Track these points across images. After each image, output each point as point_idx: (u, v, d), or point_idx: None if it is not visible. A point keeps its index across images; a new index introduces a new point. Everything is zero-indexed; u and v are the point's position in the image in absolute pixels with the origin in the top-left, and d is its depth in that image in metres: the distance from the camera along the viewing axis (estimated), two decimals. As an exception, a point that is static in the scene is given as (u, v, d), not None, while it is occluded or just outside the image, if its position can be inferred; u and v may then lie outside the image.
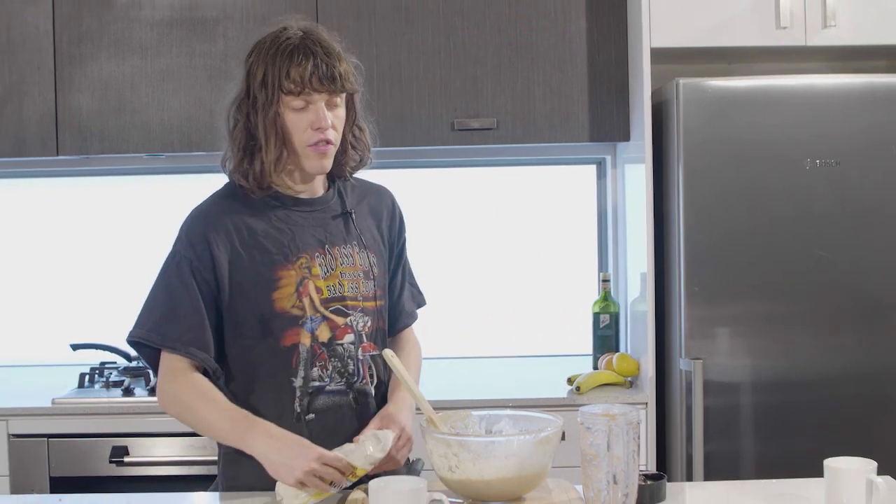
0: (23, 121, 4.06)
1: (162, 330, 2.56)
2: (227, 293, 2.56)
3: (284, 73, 2.48)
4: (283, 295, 2.54)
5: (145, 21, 4.06)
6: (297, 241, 2.58)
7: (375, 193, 2.79)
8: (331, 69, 2.49)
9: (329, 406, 2.56)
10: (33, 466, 3.77)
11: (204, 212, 2.65)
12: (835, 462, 2.30)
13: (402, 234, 2.81)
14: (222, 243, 2.57)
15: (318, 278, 2.56)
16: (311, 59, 2.48)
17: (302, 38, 2.52)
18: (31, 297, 4.59)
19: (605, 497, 2.25)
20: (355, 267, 2.62)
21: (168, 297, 2.58)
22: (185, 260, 2.57)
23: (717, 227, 3.67)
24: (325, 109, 2.52)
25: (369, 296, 2.63)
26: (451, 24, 4.05)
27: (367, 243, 2.67)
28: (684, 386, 3.69)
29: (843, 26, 3.78)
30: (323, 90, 2.50)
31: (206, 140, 4.06)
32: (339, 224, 2.65)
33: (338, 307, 2.57)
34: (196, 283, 2.55)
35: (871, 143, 3.66)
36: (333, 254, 2.60)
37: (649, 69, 3.81)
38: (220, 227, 2.59)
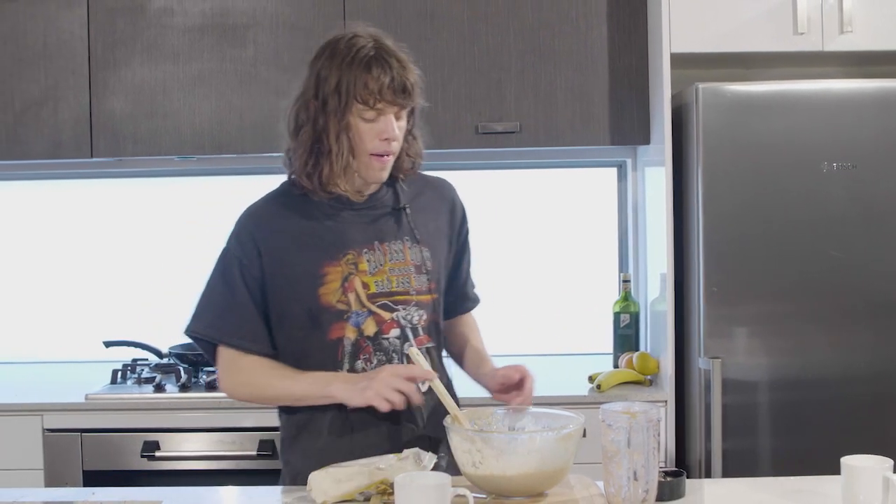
0: (58, 124, 4.12)
1: (218, 326, 2.65)
2: (274, 289, 2.63)
3: (361, 83, 2.52)
4: (329, 290, 2.59)
5: (177, 27, 4.11)
6: (345, 238, 2.62)
7: (434, 187, 2.82)
8: (403, 82, 2.53)
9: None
10: (67, 460, 3.82)
11: (254, 211, 2.72)
12: (851, 460, 2.29)
13: (465, 225, 2.85)
14: (270, 243, 2.63)
15: (366, 274, 2.61)
16: (388, 72, 2.52)
17: (376, 49, 2.55)
18: (65, 295, 4.64)
19: (626, 493, 2.29)
20: (405, 262, 2.65)
21: (221, 293, 2.67)
22: (235, 258, 2.65)
23: (736, 228, 3.69)
24: (393, 121, 2.56)
25: (423, 289, 2.67)
26: (476, 30, 4.09)
27: (421, 238, 2.69)
28: (703, 384, 3.71)
29: (860, 32, 3.78)
30: (396, 103, 2.54)
31: (236, 143, 4.13)
32: (391, 220, 2.69)
33: (385, 302, 2.62)
34: (245, 281, 2.63)
35: (886, 147, 3.66)
36: (382, 249, 2.64)
37: (669, 74, 3.83)
38: (269, 226, 2.66)
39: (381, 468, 2.39)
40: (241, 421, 3.82)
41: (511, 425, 2.53)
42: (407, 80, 2.54)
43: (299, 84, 2.67)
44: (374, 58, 2.54)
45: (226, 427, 3.83)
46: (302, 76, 4.05)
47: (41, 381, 4.29)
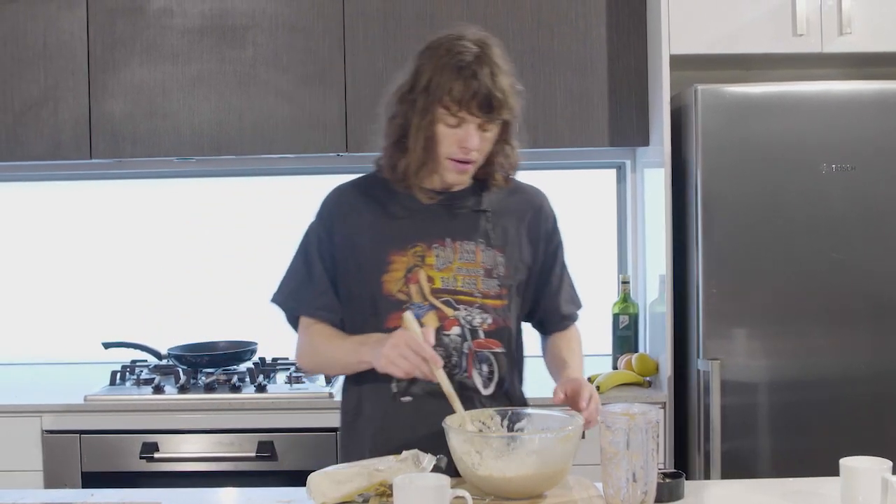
0: (58, 125, 4.12)
1: (296, 297, 2.77)
2: (343, 271, 2.69)
3: (447, 88, 2.52)
4: (392, 279, 2.63)
5: (177, 28, 4.11)
6: (417, 230, 2.65)
7: (523, 194, 2.81)
8: (490, 98, 2.52)
9: (427, 392, 2.62)
10: (66, 461, 3.82)
11: (339, 191, 2.78)
12: (850, 461, 2.31)
13: (555, 237, 2.83)
14: (345, 225, 2.70)
15: (433, 268, 2.64)
16: (477, 83, 2.51)
17: (476, 56, 2.54)
18: (64, 296, 4.64)
19: (625, 494, 2.29)
20: (475, 263, 2.66)
21: (300, 266, 2.77)
22: (315, 234, 2.74)
23: (735, 230, 3.69)
24: (476, 132, 2.55)
25: (490, 293, 2.67)
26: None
27: (497, 242, 2.69)
28: (702, 386, 3.71)
29: (859, 34, 3.79)
30: (479, 115, 2.54)
31: (235, 144, 4.13)
32: (470, 220, 2.70)
33: (448, 299, 2.64)
34: (321, 256, 2.71)
35: (886, 148, 3.67)
36: (454, 247, 2.66)
37: (668, 75, 3.83)
38: (347, 209, 2.72)
39: (381, 470, 2.40)
40: (240, 422, 3.83)
41: (510, 426, 2.53)
42: (495, 95, 2.52)
43: (404, 72, 2.67)
44: (467, 65, 2.53)
45: (225, 428, 3.83)
46: (301, 77, 4.08)
47: (40, 382, 4.30)
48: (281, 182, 4.61)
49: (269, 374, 4.11)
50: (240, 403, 3.84)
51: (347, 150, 4.12)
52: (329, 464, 2.54)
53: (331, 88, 4.10)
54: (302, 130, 4.11)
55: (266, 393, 3.90)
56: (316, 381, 4.02)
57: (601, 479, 2.36)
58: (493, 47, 2.60)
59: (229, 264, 4.61)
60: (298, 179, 4.60)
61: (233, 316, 4.57)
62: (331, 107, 4.10)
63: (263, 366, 4.27)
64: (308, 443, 3.81)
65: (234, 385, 3.95)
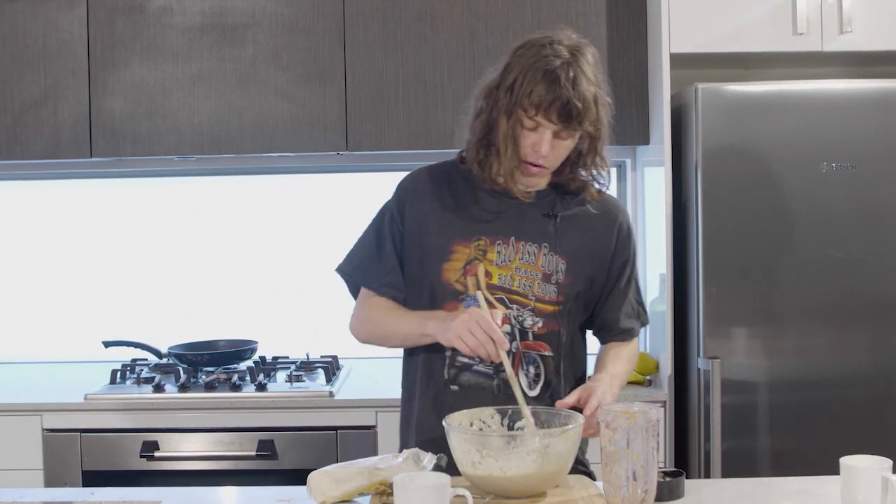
0: (58, 124, 4.12)
1: (361, 268, 2.79)
2: (409, 254, 2.71)
3: (528, 91, 2.51)
4: (452, 268, 2.66)
5: (176, 27, 4.12)
6: (485, 225, 2.67)
7: (598, 205, 2.76)
8: (570, 107, 2.50)
9: (472, 384, 2.66)
10: (66, 460, 3.83)
11: (414, 176, 2.80)
12: (850, 460, 2.30)
13: (625, 253, 2.78)
14: (419, 205, 2.72)
15: (492, 264, 2.64)
16: (558, 90, 2.49)
17: (563, 63, 2.52)
18: (64, 295, 4.64)
19: (625, 493, 2.30)
20: (535, 266, 2.66)
21: (370, 239, 2.79)
22: (389, 212, 2.76)
23: (735, 228, 3.69)
24: (549, 139, 2.55)
25: (545, 298, 2.67)
26: (475, 30, 4.09)
27: (563, 249, 2.68)
28: (702, 384, 3.72)
29: (859, 32, 3.79)
30: (556, 123, 2.53)
31: (235, 143, 4.13)
32: (539, 222, 2.70)
33: (501, 296, 2.65)
34: (391, 233, 2.73)
35: (886, 147, 3.67)
36: (516, 247, 2.66)
37: (668, 74, 3.84)
38: (424, 191, 2.74)
39: (381, 468, 2.40)
40: (241, 421, 3.83)
41: (511, 425, 2.52)
42: (575, 104, 2.50)
43: (495, 66, 2.68)
44: (552, 70, 2.51)
45: (225, 427, 3.83)
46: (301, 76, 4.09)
47: (40, 381, 4.29)
48: (281, 181, 4.61)
49: (270, 372, 4.11)
50: (240, 402, 3.85)
51: (347, 149, 4.12)
52: (329, 462, 2.55)
53: (331, 87, 4.11)
54: (302, 129, 4.11)
55: (266, 392, 3.90)
56: (316, 380, 4.02)
57: (601, 477, 2.36)
58: (586, 55, 2.58)
59: (229, 263, 4.61)
60: (298, 178, 4.61)
61: (233, 314, 4.57)
62: (331, 106, 4.11)
63: (264, 364, 4.27)
64: (308, 442, 3.81)
65: (235, 384, 3.95)
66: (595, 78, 2.58)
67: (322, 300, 4.55)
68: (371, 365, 4.32)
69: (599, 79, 2.60)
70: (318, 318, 4.56)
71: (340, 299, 4.47)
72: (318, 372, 4.15)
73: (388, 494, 2.34)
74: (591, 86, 2.55)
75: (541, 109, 2.52)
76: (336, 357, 4.32)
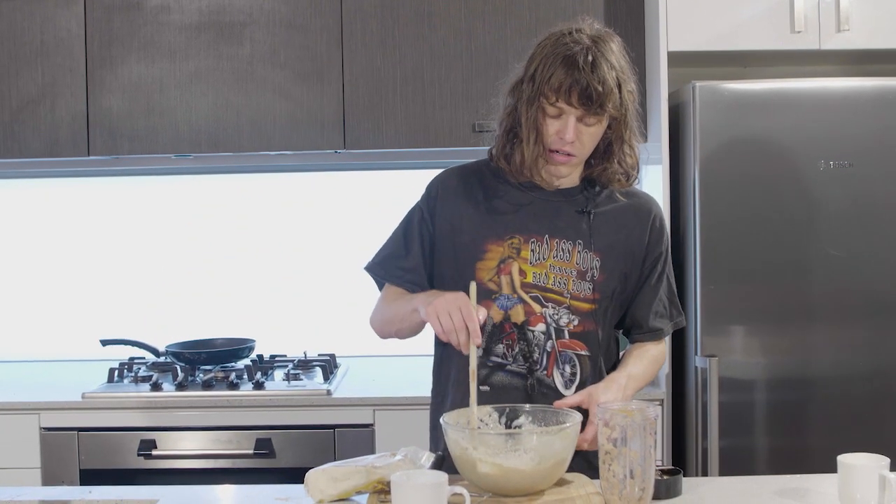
0: (55, 122, 4.12)
1: (386, 265, 2.78)
2: (440, 253, 2.71)
3: (548, 77, 2.52)
4: (486, 267, 2.65)
5: (174, 25, 4.11)
6: (517, 223, 2.66)
7: (631, 200, 2.76)
8: (589, 90, 2.49)
9: (505, 384, 2.65)
10: (64, 459, 3.83)
11: (446, 175, 2.80)
12: (848, 458, 2.31)
13: (658, 248, 2.77)
14: (450, 205, 2.72)
15: (526, 262, 2.64)
16: (577, 74, 2.49)
17: (583, 48, 2.52)
18: (62, 294, 4.64)
19: (623, 491, 2.30)
20: (570, 263, 2.65)
21: (399, 240, 2.79)
22: (419, 210, 2.76)
23: (733, 226, 3.69)
24: (575, 124, 2.55)
25: (580, 296, 2.66)
26: (473, 28, 4.09)
27: (597, 246, 2.67)
28: (700, 382, 3.71)
29: (857, 31, 3.80)
30: (579, 107, 2.52)
31: (233, 141, 4.13)
32: (573, 219, 2.69)
33: (537, 295, 2.64)
34: (420, 232, 2.73)
35: (883, 145, 3.67)
36: (550, 244, 2.65)
37: (666, 72, 3.84)
38: (455, 190, 2.74)
39: (378, 467, 2.40)
40: (238, 419, 3.83)
41: (508, 423, 2.52)
42: (595, 87, 2.50)
43: (522, 62, 2.67)
44: (571, 55, 2.52)
45: (222, 426, 3.83)
46: (299, 74, 4.09)
47: (38, 379, 4.29)
48: (278, 179, 4.61)
49: (267, 371, 4.11)
50: (238, 400, 3.85)
51: (345, 147, 4.12)
52: (327, 461, 2.55)
53: (328, 85, 4.11)
54: (299, 127, 4.11)
55: (264, 390, 3.89)
56: (314, 379, 4.02)
57: (599, 475, 2.36)
58: (609, 43, 2.59)
59: (227, 261, 4.61)
60: (296, 176, 4.60)
61: (231, 313, 4.57)
62: (328, 104, 4.11)
63: (261, 363, 4.27)
64: (306, 440, 3.81)
65: (232, 382, 3.95)
66: (618, 64, 2.57)
67: (320, 298, 4.56)
68: (369, 363, 4.33)
69: (623, 66, 2.59)
70: (315, 317, 4.56)
71: (338, 298, 4.51)
72: (315, 370, 4.15)
73: (386, 493, 2.34)
74: (612, 70, 2.54)
75: (561, 94, 2.52)
76: (333, 355, 4.32)
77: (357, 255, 4.38)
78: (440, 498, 2.16)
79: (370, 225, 4.46)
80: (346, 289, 4.45)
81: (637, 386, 2.69)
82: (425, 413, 2.86)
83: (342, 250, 4.54)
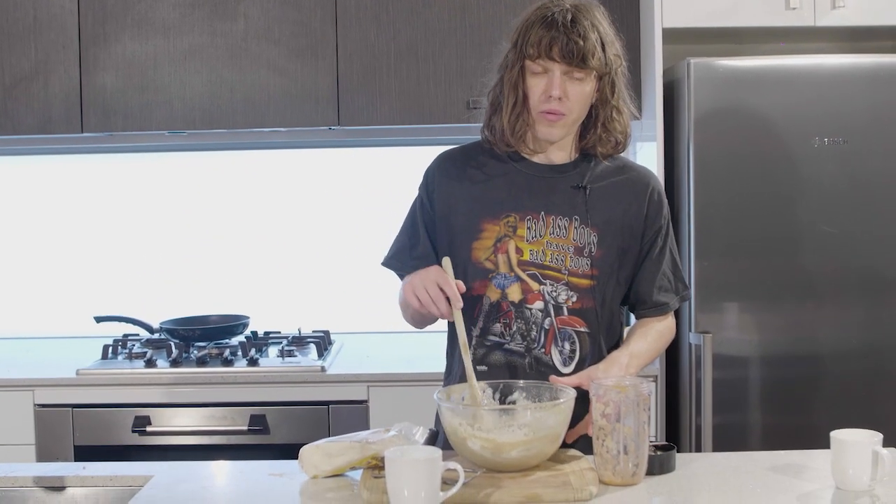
0: (49, 99, 4.11)
1: (400, 258, 2.78)
2: (440, 234, 2.72)
3: (530, 37, 2.54)
4: (482, 246, 2.65)
5: (168, 1, 4.09)
6: (512, 200, 2.66)
7: (628, 174, 2.75)
8: (573, 44, 2.51)
9: (504, 363, 2.65)
10: (58, 435, 3.84)
11: (445, 156, 2.80)
12: (841, 434, 2.30)
13: (657, 222, 2.73)
14: (444, 190, 2.72)
15: (522, 240, 2.63)
16: (559, 32, 2.51)
17: (563, 10, 2.55)
18: (56, 271, 4.64)
19: (616, 467, 2.31)
20: (566, 240, 2.64)
21: (407, 230, 2.80)
22: (419, 197, 2.77)
23: (727, 203, 3.70)
24: (561, 80, 2.55)
25: (579, 272, 2.64)
26: (467, 4, 4.08)
27: (594, 221, 2.66)
28: (694, 359, 3.73)
29: (851, 7, 3.79)
30: (561, 61, 2.53)
31: (227, 118, 4.12)
32: (568, 195, 2.67)
33: (534, 272, 2.63)
34: (423, 219, 2.74)
35: (877, 122, 3.68)
36: (547, 221, 2.64)
37: (661, 49, 3.83)
38: (450, 172, 2.74)
39: (372, 442, 2.40)
40: (233, 396, 3.83)
41: (502, 399, 2.52)
42: (576, 41, 2.52)
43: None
44: (550, 16, 2.55)
45: (217, 402, 3.84)
46: (293, 50, 4.08)
47: (32, 356, 4.30)
48: (273, 156, 4.60)
49: (262, 347, 4.11)
50: (232, 377, 3.85)
51: (339, 124, 4.11)
52: (321, 437, 2.55)
53: (323, 61, 4.10)
54: (294, 104, 4.10)
55: (258, 367, 3.90)
56: (308, 355, 4.03)
57: (593, 451, 2.36)
58: (591, 10, 2.60)
59: (221, 238, 4.61)
60: (290, 153, 4.60)
61: (225, 289, 4.57)
62: (323, 80, 4.10)
63: (255, 339, 4.27)
64: (300, 416, 3.82)
65: (227, 359, 3.95)
66: (601, 27, 2.58)
67: (314, 275, 4.56)
68: (363, 340, 4.33)
69: (607, 30, 2.61)
70: (310, 293, 4.56)
71: (332, 274, 4.51)
72: (309, 347, 4.15)
73: (380, 468, 2.34)
74: (593, 29, 2.55)
75: (542, 49, 2.53)
76: (328, 332, 4.32)
77: (351, 232, 4.40)
78: (434, 473, 2.16)
79: (364, 202, 4.47)
80: (341, 266, 4.45)
81: (641, 363, 2.67)
82: (419, 389, 2.88)
83: (336, 227, 4.53)
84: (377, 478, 2.34)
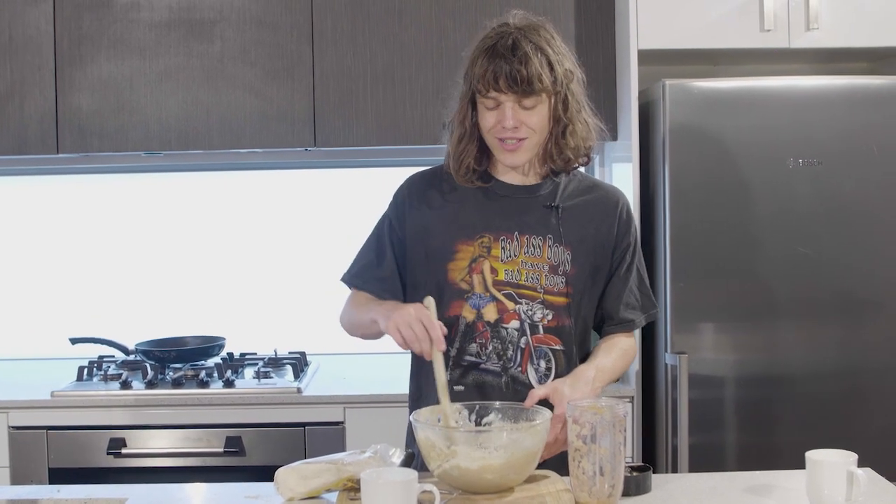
0: (24, 120, 4.09)
1: (360, 275, 2.79)
2: (412, 257, 2.72)
3: (478, 70, 2.56)
4: (456, 268, 2.66)
5: (144, 22, 4.09)
6: (485, 221, 2.67)
7: (598, 194, 2.77)
8: (516, 73, 2.51)
9: (481, 383, 2.65)
10: (33, 458, 3.81)
11: (416, 178, 2.81)
12: (816, 454, 2.31)
13: (626, 239, 2.76)
14: (417, 209, 2.73)
15: (497, 260, 2.64)
16: (504, 62, 2.52)
17: (512, 39, 2.55)
18: (31, 292, 4.62)
19: (592, 488, 2.30)
20: (541, 258, 2.65)
21: (371, 248, 2.79)
22: (387, 218, 2.77)
23: (703, 224, 3.70)
24: (513, 110, 2.55)
25: (554, 290, 2.66)
26: (443, 27, 4.09)
27: (568, 239, 2.67)
28: (669, 380, 3.72)
29: (826, 29, 3.81)
30: (509, 91, 2.54)
31: (203, 139, 4.11)
32: (541, 214, 2.69)
33: (510, 292, 2.64)
34: (391, 239, 2.74)
35: (852, 143, 3.69)
36: (521, 241, 2.65)
37: (636, 70, 3.85)
38: (422, 194, 2.75)
39: (348, 464, 2.40)
40: (208, 418, 3.82)
41: (478, 421, 2.52)
42: (522, 72, 2.51)
43: None
44: (492, 46, 2.56)
45: (192, 424, 3.82)
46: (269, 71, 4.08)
47: (6, 378, 4.27)
48: (249, 177, 4.60)
49: (237, 369, 4.10)
50: (208, 399, 3.84)
51: (315, 145, 4.11)
52: (297, 459, 2.54)
53: (299, 83, 4.10)
54: (270, 125, 4.10)
55: (234, 388, 3.89)
56: (284, 377, 4.02)
57: (569, 472, 2.36)
58: (536, 31, 2.61)
59: (197, 259, 4.60)
60: (266, 174, 4.59)
61: (201, 311, 4.56)
62: (299, 101, 4.10)
63: (231, 361, 4.26)
64: (276, 438, 3.81)
65: (202, 380, 3.94)
66: (547, 46, 2.58)
67: (290, 297, 4.55)
68: (339, 361, 4.33)
69: (556, 47, 2.61)
70: (286, 315, 4.55)
71: (308, 295, 4.50)
72: (285, 368, 4.15)
73: (356, 490, 2.34)
74: (537, 52, 2.55)
75: (489, 83, 2.54)
76: (304, 353, 4.32)
77: (327, 253, 4.39)
78: (410, 495, 2.16)
79: (340, 223, 4.47)
80: (317, 287, 4.44)
81: (606, 378, 2.68)
82: (395, 410, 2.87)
83: (312, 248, 4.53)
84: (353, 500, 2.34)
